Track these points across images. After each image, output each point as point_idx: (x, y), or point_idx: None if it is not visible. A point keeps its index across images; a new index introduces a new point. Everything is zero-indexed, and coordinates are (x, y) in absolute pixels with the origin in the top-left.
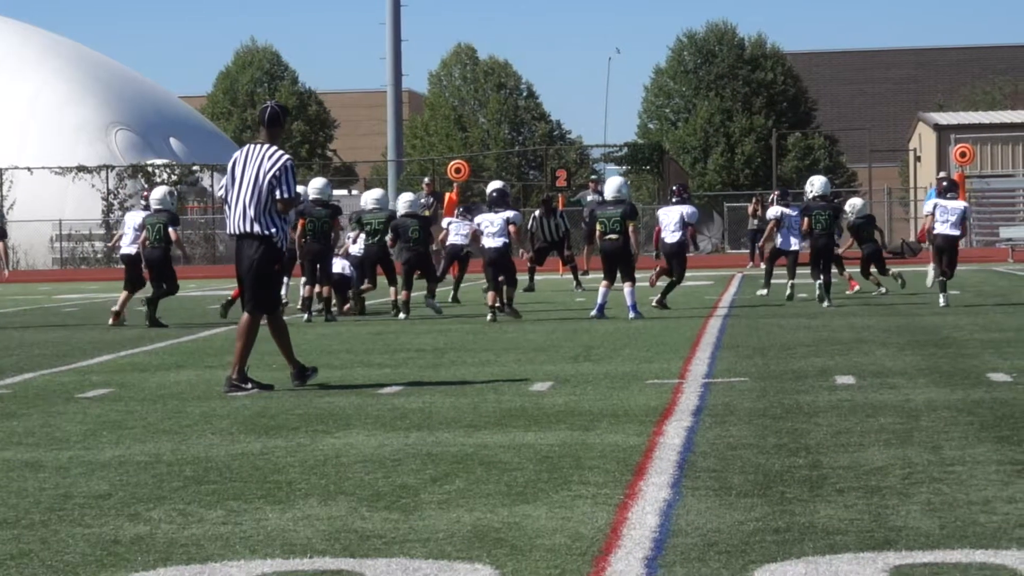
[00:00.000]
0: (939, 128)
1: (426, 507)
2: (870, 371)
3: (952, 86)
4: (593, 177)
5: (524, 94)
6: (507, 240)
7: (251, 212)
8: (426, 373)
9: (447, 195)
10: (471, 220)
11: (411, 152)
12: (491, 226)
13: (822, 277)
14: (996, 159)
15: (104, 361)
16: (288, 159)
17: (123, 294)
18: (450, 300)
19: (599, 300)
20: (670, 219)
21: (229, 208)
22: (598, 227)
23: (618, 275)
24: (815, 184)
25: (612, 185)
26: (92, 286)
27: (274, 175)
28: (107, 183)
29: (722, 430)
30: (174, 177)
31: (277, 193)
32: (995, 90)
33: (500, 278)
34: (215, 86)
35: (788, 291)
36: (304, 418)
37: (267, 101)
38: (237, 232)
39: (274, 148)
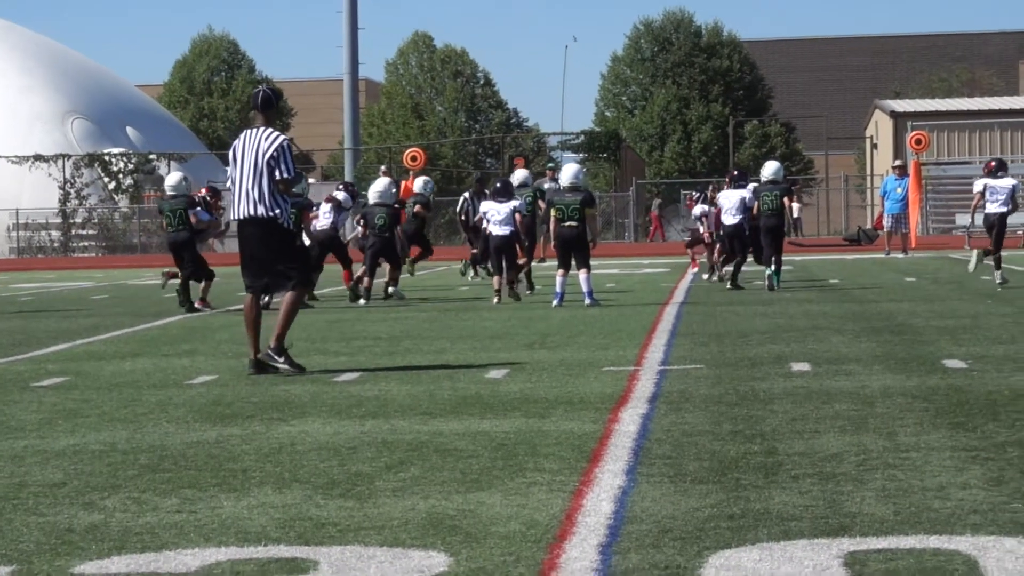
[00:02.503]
0: (896, 115)
1: (381, 494)
2: (826, 358)
3: (909, 74)
4: (550, 165)
5: (481, 82)
6: (514, 228)
7: (254, 194)
8: (382, 361)
9: (403, 183)
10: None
11: (368, 140)
12: (498, 215)
13: (773, 261)
14: (952, 146)
15: (60, 350)
16: (285, 139)
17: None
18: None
19: (557, 289)
20: (730, 203)
21: (233, 194)
22: (554, 214)
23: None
24: (767, 169)
25: (568, 172)
26: (49, 275)
27: (272, 156)
28: (64, 172)
29: (677, 417)
30: (131, 166)
31: (277, 173)
32: (952, 78)
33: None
34: (172, 75)
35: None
36: (259, 406)
37: (258, 86)
38: (241, 216)
39: (270, 130)
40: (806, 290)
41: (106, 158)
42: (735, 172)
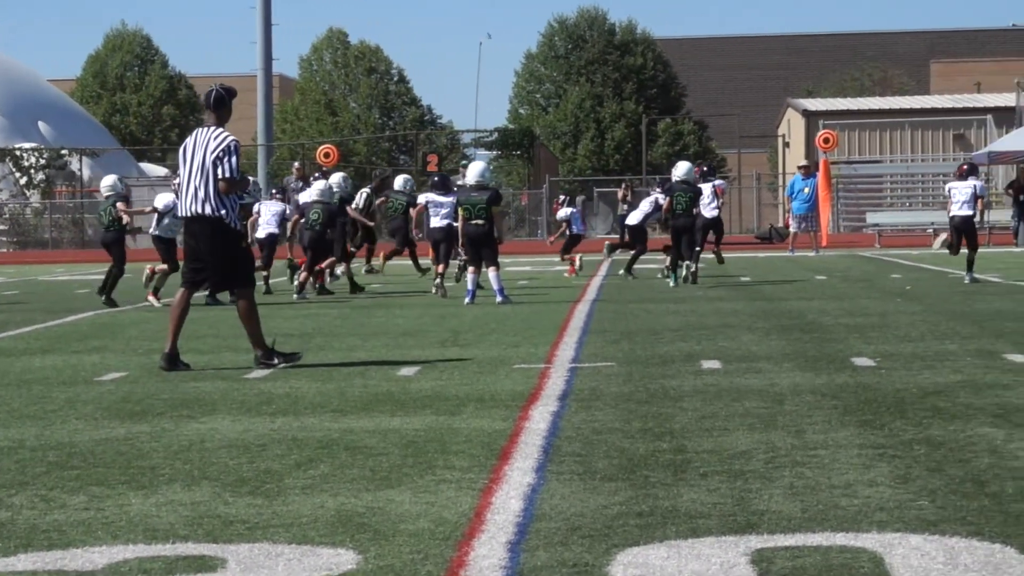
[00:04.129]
0: (808, 114)
1: (290, 492)
2: (736, 356)
3: (822, 72)
4: (464, 163)
5: (395, 79)
6: (452, 222)
7: (201, 194)
8: (287, 351)
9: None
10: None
11: (281, 136)
12: (440, 208)
13: (685, 257)
14: (864, 145)
15: None
16: (232, 140)
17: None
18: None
19: (468, 287)
20: (704, 194)
21: (181, 192)
22: (462, 212)
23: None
24: (679, 168)
25: (475, 170)
26: None
27: (217, 156)
28: None
29: (588, 415)
30: (43, 161)
31: (219, 172)
32: (864, 77)
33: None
34: (84, 69)
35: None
36: (169, 403)
37: (213, 85)
38: (188, 214)
39: (220, 130)
40: (717, 288)
41: (17, 153)
42: (705, 167)
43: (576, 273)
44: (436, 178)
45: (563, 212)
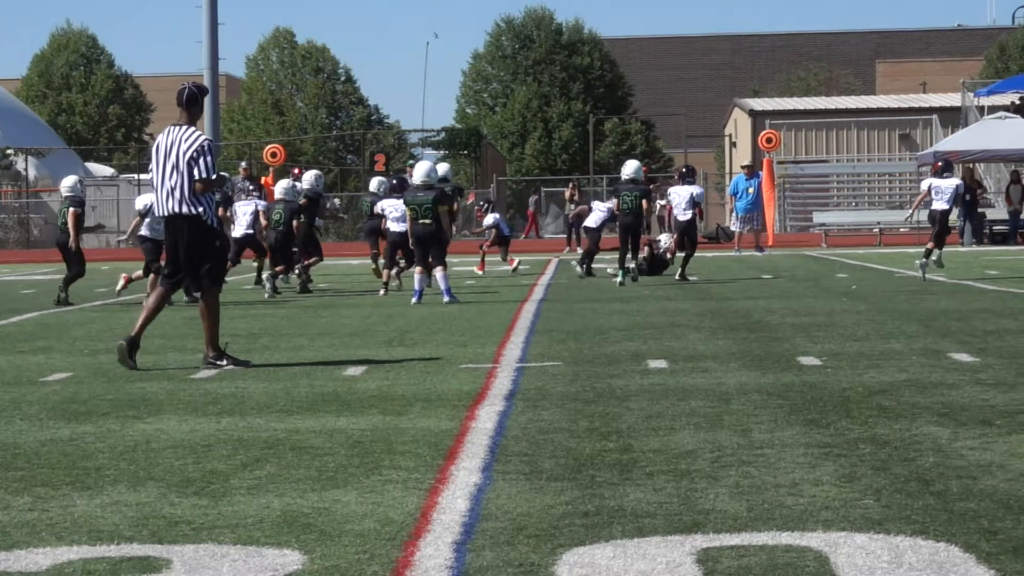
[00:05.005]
0: (754, 114)
1: (236, 493)
2: (682, 355)
3: (768, 72)
4: (411, 163)
5: (342, 78)
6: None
7: (178, 194)
8: (239, 358)
9: (263, 179)
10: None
11: (228, 136)
12: (395, 211)
13: (630, 256)
14: (810, 145)
15: None
16: (205, 139)
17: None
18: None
19: (416, 286)
20: (680, 198)
21: (155, 191)
22: (409, 212)
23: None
24: (627, 168)
25: (420, 170)
26: None
27: (191, 156)
28: None
29: (534, 414)
30: None
31: (196, 172)
32: (810, 77)
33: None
34: (30, 69)
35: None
36: (115, 403)
37: (184, 83)
38: (166, 214)
39: (192, 129)
40: (664, 287)
41: None
42: (683, 169)
43: (516, 268)
44: (394, 181)
45: (489, 219)
